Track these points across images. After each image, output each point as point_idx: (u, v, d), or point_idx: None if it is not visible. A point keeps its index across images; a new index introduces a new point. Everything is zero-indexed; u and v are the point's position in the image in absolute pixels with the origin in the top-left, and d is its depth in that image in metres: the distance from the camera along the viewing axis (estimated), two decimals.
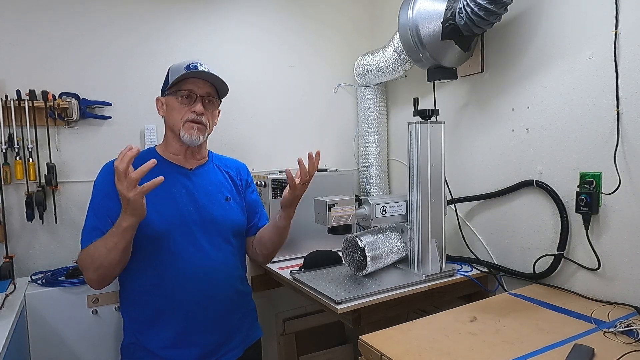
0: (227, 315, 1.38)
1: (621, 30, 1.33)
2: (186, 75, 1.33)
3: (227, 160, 1.56)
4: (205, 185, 1.41)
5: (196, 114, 1.33)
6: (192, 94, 1.34)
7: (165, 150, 1.42)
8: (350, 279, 1.65)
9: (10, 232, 1.71)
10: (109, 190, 1.28)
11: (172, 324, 1.30)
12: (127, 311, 1.37)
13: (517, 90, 1.67)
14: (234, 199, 1.46)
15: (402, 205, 1.69)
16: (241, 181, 1.53)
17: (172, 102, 1.36)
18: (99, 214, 1.29)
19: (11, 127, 1.67)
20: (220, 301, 1.36)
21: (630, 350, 1.07)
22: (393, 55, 2.03)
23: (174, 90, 1.36)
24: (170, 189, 1.34)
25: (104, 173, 1.35)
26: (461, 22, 1.50)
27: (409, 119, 1.66)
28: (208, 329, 1.34)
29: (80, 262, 1.27)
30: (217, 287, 1.35)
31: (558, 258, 1.52)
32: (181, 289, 1.30)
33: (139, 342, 1.32)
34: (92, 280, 1.27)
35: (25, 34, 1.72)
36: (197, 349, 1.32)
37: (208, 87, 1.37)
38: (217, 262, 1.36)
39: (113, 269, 1.24)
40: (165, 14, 1.98)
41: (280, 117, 2.29)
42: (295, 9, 2.30)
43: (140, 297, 1.32)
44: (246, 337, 1.46)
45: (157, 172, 1.33)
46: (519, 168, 1.68)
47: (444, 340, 1.18)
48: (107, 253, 1.19)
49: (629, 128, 1.33)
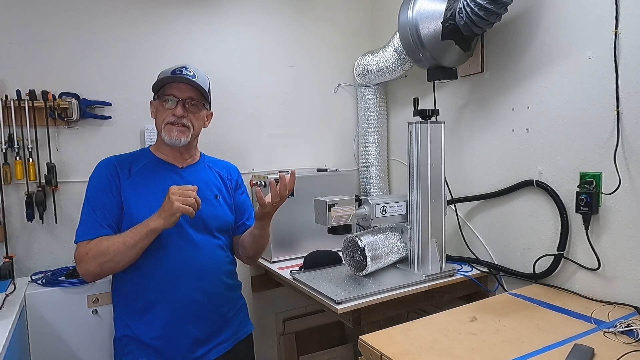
0: (216, 308, 1.42)
1: (621, 30, 1.33)
2: (167, 80, 1.39)
3: (218, 162, 1.62)
4: (196, 182, 1.44)
5: (176, 117, 1.38)
6: (174, 97, 1.39)
7: (157, 151, 1.48)
8: (350, 279, 1.65)
9: (10, 232, 1.71)
10: (104, 185, 1.36)
11: (163, 315, 1.34)
12: (118, 303, 1.41)
13: (517, 90, 1.67)
14: (223, 198, 1.51)
15: (402, 205, 1.69)
16: (231, 181, 1.58)
17: (157, 105, 1.43)
18: (95, 207, 1.34)
19: (11, 127, 1.67)
20: (209, 293, 1.40)
21: (630, 350, 1.07)
22: (393, 55, 2.03)
23: (159, 94, 1.42)
24: (161, 184, 1.38)
25: (99, 169, 1.40)
26: (461, 22, 1.50)
27: (409, 119, 1.66)
28: (198, 320, 1.38)
29: (80, 253, 1.30)
30: (206, 280, 1.40)
31: (558, 258, 1.52)
32: (171, 282, 1.35)
33: (131, 334, 1.36)
34: (89, 273, 1.31)
35: (26, 33, 1.72)
36: (187, 339, 1.36)
37: (190, 92, 1.41)
38: (206, 256, 1.41)
39: (121, 266, 1.30)
40: (165, 14, 1.97)
41: (280, 117, 2.29)
42: (295, 9, 2.30)
43: (131, 289, 1.36)
44: (236, 331, 1.49)
45: (150, 169, 1.43)
46: (519, 168, 1.68)
47: (444, 340, 1.18)
48: (125, 250, 1.26)
49: (629, 128, 1.33)
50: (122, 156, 1.45)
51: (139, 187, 1.37)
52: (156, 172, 1.42)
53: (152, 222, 1.26)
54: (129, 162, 1.42)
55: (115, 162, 1.40)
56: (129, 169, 1.40)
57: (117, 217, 1.35)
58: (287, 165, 2.29)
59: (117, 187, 1.36)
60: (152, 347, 1.34)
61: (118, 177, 1.37)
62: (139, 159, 1.44)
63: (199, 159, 1.54)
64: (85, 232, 1.31)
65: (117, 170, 1.38)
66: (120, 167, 1.39)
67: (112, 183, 1.36)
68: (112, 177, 1.36)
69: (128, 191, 1.36)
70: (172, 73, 1.39)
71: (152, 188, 1.38)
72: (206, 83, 1.45)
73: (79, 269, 1.33)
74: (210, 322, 1.41)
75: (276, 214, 1.94)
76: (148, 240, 1.28)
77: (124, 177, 1.38)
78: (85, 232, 1.32)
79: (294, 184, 1.41)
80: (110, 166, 1.39)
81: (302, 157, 2.35)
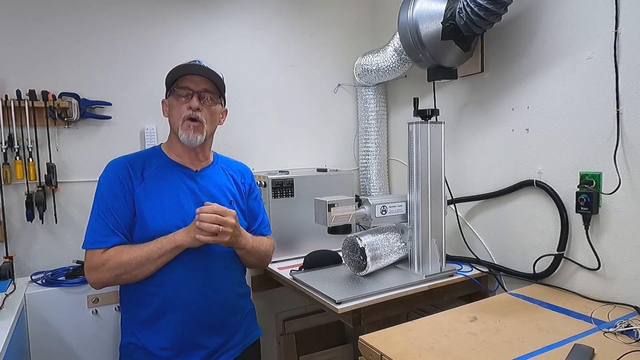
0: (227, 318, 1.38)
1: (621, 30, 1.33)
2: (181, 71, 1.34)
3: (232, 163, 1.56)
4: (210, 187, 1.41)
5: (192, 109, 1.33)
6: (189, 90, 1.34)
7: (170, 151, 1.42)
8: (350, 279, 1.65)
9: (10, 232, 1.71)
10: (115, 189, 1.30)
11: (172, 325, 1.30)
12: (127, 310, 1.37)
13: (517, 90, 1.67)
14: (237, 203, 1.46)
15: (402, 205, 1.69)
16: (244, 185, 1.53)
17: (172, 101, 1.37)
18: (105, 211, 1.28)
19: (11, 127, 1.67)
20: (220, 304, 1.36)
21: (630, 350, 1.07)
22: (393, 55, 2.03)
23: (173, 89, 1.37)
24: (175, 190, 1.35)
25: (109, 170, 1.34)
26: (461, 22, 1.50)
27: (409, 119, 1.66)
28: (208, 331, 1.33)
29: (95, 262, 1.25)
30: (218, 289, 1.35)
31: (558, 258, 1.52)
32: (182, 291, 1.30)
33: (138, 342, 1.32)
34: (101, 282, 1.27)
35: (25, 33, 1.72)
36: (197, 352, 1.32)
37: (205, 83, 1.36)
38: (219, 266, 1.37)
39: (138, 279, 1.27)
40: (165, 14, 1.97)
41: (280, 117, 2.29)
42: (295, 9, 2.30)
43: (141, 296, 1.32)
44: (245, 336, 1.45)
45: (163, 172, 1.38)
46: (519, 168, 1.68)
47: (444, 340, 1.18)
48: (147, 263, 1.24)
49: (629, 128, 1.33)
50: (133, 156, 1.38)
51: (153, 194, 1.31)
52: (170, 177, 1.36)
53: (179, 237, 1.24)
54: (142, 164, 1.35)
55: (127, 163, 1.34)
56: (142, 171, 1.33)
57: (130, 224, 1.29)
58: (287, 165, 2.29)
59: (129, 191, 1.30)
60: (159, 357, 1.30)
61: (131, 180, 1.31)
62: (151, 160, 1.37)
63: (213, 160, 1.49)
64: (97, 239, 1.26)
65: (130, 172, 1.32)
66: (132, 169, 1.33)
67: (125, 186, 1.30)
68: (125, 180, 1.30)
69: (141, 197, 1.30)
70: (184, 64, 1.35)
71: (166, 194, 1.32)
72: (220, 75, 1.39)
73: (88, 277, 1.27)
74: (221, 333, 1.36)
75: (276, 214, 1.96)
76: (172, 255, 1.26)
77: (137, 181, 1.31)
78: (96, 239, 1.26)
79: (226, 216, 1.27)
80: (122, 168, 1.32)
81: (302, 157, 2.35)
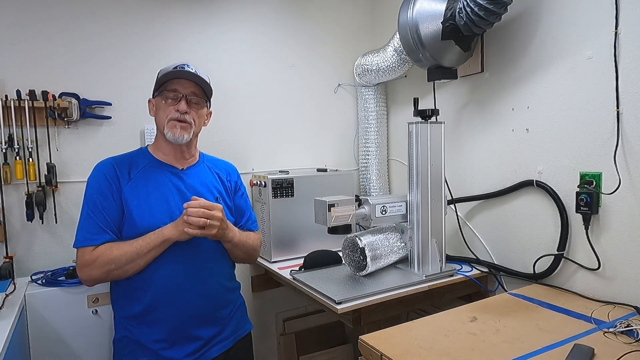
0: (217, 311, 1.42)
1: (621, 30, 1.33)
2: (170, 75, 1.37)
3: (217, 162, 1.60)
4: (196, 185, 1.44)
5: (179, 112, 1.37)
6: (177, 93, 1.38)
7: (157, 151, 1.45)
8: (350, 279, 1.65)
9: (10, 232, 1.71)
10: (103, 189, 1.34)
11: (164, 319, 1.33)
12: (118, 306, 1.40)
13: (517, 90, 1.67)
14: (223, 200, 1.50)
15: (402, 205, 1.69)
16: (230, 183, 1.56)
17: (158, 102, 1.41)
18: (95, 210, 1.31)
19: (11, 127, 1.67)
20: (209, 297, 1.39)
21: (630, 350, 1.07)
22: (393, 55, 2.03)
23: (160, 90, 1.40)
24: (162, 188, 1.38)
25: (97, 172, 1.38)
26: (461, 22, 1.50)
27: (409, 119, 1.66)
28: (200, 323, 1.37)
29: (86, 259, 1.28)
30: (207, 283, 1.39)
31: (558, 258, 1.52)
32: (172, 285, 1.33)
33: (131, 336, 1.35)
34: (93, 279, 1.30)
35: (25, 33, 1.72)
36: (190, 343, 1.35)
37: (193, 87, 1.40)
38: (207, 260, 1.40)
39: (129, 274, 1.30)
40: (165, 14, 1.97)
41: (280, 117, 2.29)
42: (295, 9, 2.30)
43: (132, 292, 1.35)
44: (235, 329, 1.49)
45: (150, 171, 1.41)
46: (518, 168, 1.67)
47: (444, 340, 1.18)
48: (137, 258, 1.27)
49: (629, 128, 1.33)
50: (120, 157, 1.42)
51: (140, 192, 1.35)
52: (157, 175, 1.40)
53: (167, 232, 1.27)
54: (128, 164, 1.39)
55: (114, 164, 1.38)
56: (129, 171, 1.37)
57: (118, 222, 1.33)
58: (287, 165, 2.29)
59: (117, 191, 1.33)
60: (152, 349, 1.33)
61: (118, 180, 1.35)
62: (138, 160, 1.41)
63: (199, 159, 1.53)
64: (87, 237, 1.29)
65: (117, 173, 1.36)
66: (119, 169, 1.36)
67: (112, 186, 1.33)
68: (112, 180, 1.34)
69: (129, 196, 1.33)
70: (173, 69, 1.38)
71: (153, 192, 1.36)
72: (207, 80, 1.44)
73: (80, 274, 1.30)
74: (212, 325, 1.40)
75: (276, 214, 1.96)
76: (161, 249, 1.29)
77: (124, 180, 1.35)
78: (87, 237, 1.29)
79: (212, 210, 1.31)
80: (109, 168, 1.36)
81: (302, 157, 2.35)
